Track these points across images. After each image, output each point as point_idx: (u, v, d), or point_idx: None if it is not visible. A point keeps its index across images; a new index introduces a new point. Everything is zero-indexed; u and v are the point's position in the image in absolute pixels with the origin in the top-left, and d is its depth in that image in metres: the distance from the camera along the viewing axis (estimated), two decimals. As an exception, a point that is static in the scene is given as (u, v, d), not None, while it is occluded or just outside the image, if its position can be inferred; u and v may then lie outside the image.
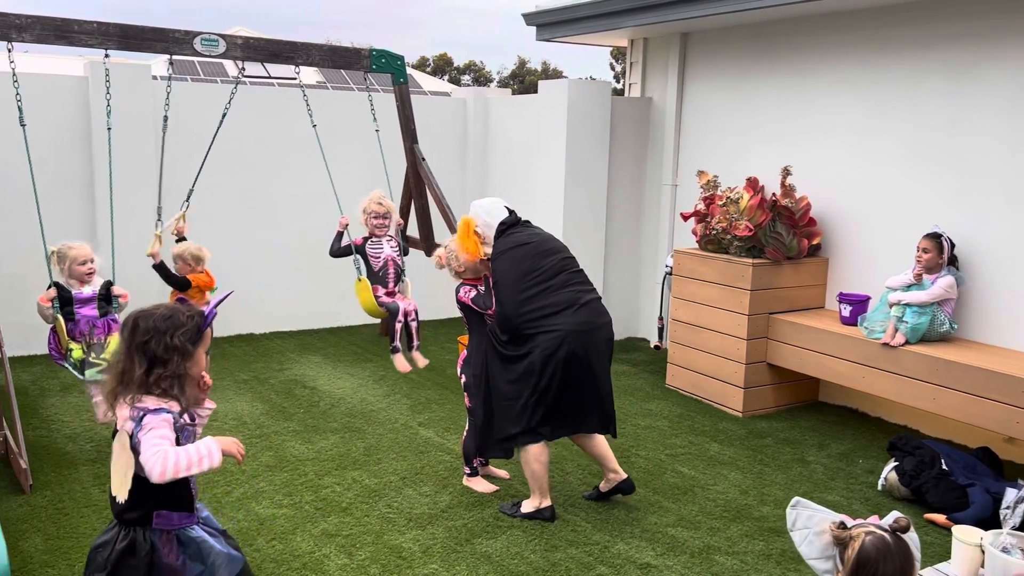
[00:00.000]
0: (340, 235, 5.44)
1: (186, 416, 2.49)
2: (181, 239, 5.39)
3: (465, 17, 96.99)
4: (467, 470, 4.50)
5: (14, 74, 4.76)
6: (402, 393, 6.01)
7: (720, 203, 5.88)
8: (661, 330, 6.92)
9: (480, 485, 4.47)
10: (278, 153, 7.41)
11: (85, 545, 3.62)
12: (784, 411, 5.90)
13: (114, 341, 4.61)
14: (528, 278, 3.95)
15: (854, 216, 5.84)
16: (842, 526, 1.95)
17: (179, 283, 5.26)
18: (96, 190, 6.65)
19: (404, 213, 6.49)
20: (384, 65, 5.94)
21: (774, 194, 5.82)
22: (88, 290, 4.64)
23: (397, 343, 5.30)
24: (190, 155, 5.98)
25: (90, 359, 4.55)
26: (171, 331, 2.44)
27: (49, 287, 4.55)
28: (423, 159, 6.15)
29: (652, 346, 7.30)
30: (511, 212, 4.20)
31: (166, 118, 5.34)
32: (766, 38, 6.43)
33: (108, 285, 4.74)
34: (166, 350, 2.42)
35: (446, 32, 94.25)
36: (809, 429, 5.56)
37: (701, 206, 6.10)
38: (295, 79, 5.86)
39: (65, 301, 4.56)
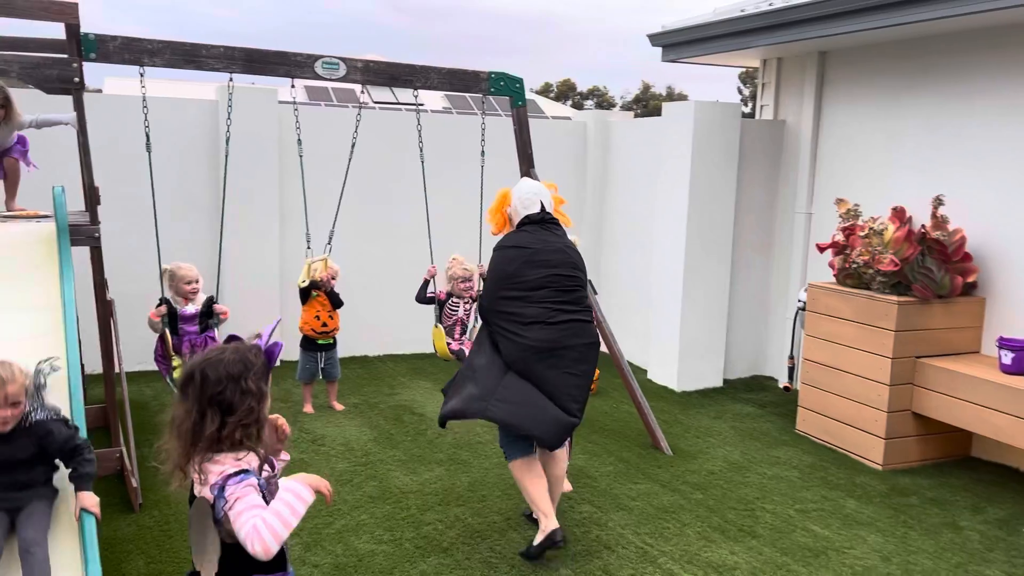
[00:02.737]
0: (427, 283, 5.59)
1: (266, 467, 2.28)
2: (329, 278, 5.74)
3: (591, 43, 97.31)
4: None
5: (144, 99, 4.87)
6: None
7: (862, 234, 5.39)
8: (792, 370, 6.42)
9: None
10: (398, 176, 7.40)
11: (183, 572, 3.56)
12: (931, 466, 5.31)
13: None
14: (510, 282, 3.94)
15: (1017, 252, 5.21)
16: None
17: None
18: (225, 211, 6.79)
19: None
20: (503, 88, 5.80)
21: (923, 226, 5.28)
22: (191, 308, 4.95)
23: None
24: (315, 179, 5.99)
25: None
26: (244, 375, 2.22)
27: (159, 304, 4.85)
28: (540, 184, 5.94)
29: (781, 387, 6.80)
30: (543, 207, 4.15)
31: (300, 142, 5.43)
32: (916, 56, 5.89)
33: (211, 301, 5.01)
34: (241, 396, 2.20)
35: (572, 58, 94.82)
36: (961, 489, 4.96)
37: (840, 237, 5.61)
38: (421, 104, 5.82)
39: (172, 317, 4.86)
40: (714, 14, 6.88)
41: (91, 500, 2.99)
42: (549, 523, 3.83)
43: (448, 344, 5.45)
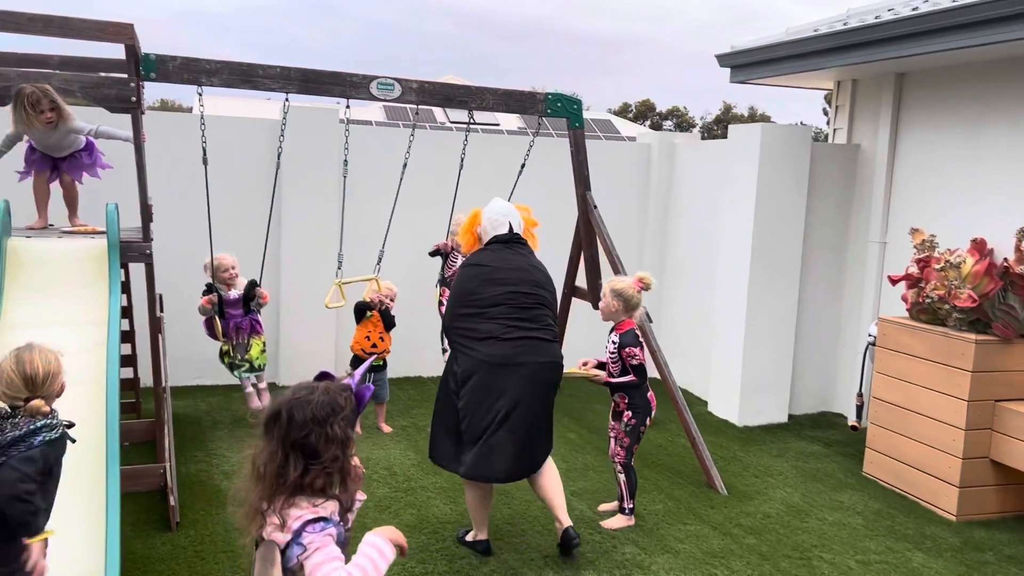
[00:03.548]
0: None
1: (348, 515, 2.15)
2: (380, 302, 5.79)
3: (672, 62, 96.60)
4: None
5: (202, 117, 4.95)
6: (558, 455, 5.59)
7: (937, 267, 5.04)
8: (860, 408, 6.06)
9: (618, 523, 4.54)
10: (463, 196, 7.34)
11: (209, 597, 3.52)
12: (1011, 519, 4.90)
13: (256, 345, 5.55)
14: (468, 298, 4.02)
15: (1114, 290, 4.79)
16: None
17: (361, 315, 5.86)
18: (282, 228, 6.86)
19: (573, 263, 6.16)
20: (560, 109, 5.68)
21: (1006, 260, 4.91)
22: (234, 293, 5.52)
23: None
24: (384, 199, 5.98)
25: (236, 360, 5.59)
26: (331, 419, 2.09)
27: (206, 292, 5.44)
28: (595, 207, 5.80)
29: (849, 425, 6.43)
30: (511, 228, 4.21)
31: (346, 162, 5.44)
32: (1000, 78, 5.52)
33: (252, 284, 5.47)
34: (326, 443, 2.07)
35: (652, 76, 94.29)
36: (1045, 547, 4.55)
37: (914, 269, 5.27)
38: (497, 125, 5.77)
39: (218, 301, 5.43)
40: (786, 34, 6.63)
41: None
42: (482, 534, 4.17)
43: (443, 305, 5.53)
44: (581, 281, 6.18)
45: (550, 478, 4.13)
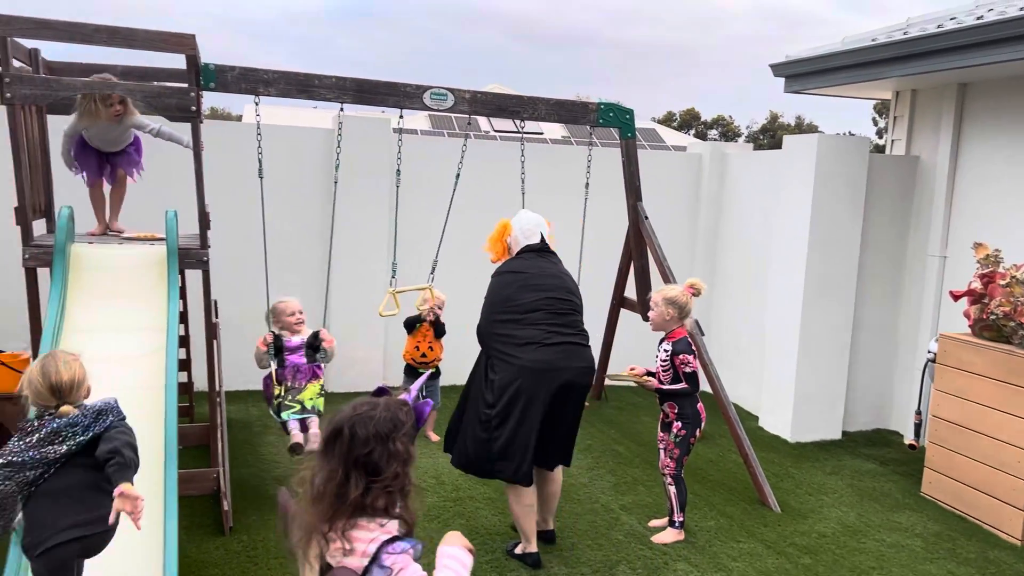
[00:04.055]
0: None
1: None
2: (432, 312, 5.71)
3: (716, 72, 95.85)
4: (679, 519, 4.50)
5: (258, 127, 5.01)
6: (606, 468, 5.56)
7: (1003, 283, 4.89)
8: (918, 426, 5.90)
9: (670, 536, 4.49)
10: (511, 206, 7.34)
11: (262, 602, 3.54)
12: (1080, 546, 4.72)
13: (311, 388, 4.77)
14: (505, 305, 4.07)
15: None
16: None
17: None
18: (336, 236, 6.91)
19: (623, 274, 6.11)
20: (612, 119, 5.65)
21: (1077, 275, 4.74)
22: (297, 339, 4.84)
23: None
24: (433, 209, 6.01)
25: (286, 402, 4.70)
26: (393, 435, 2.03)
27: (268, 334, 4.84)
28: (646, 217, 5.75)
29: (906, 444, 6.26)
30: (542, 238, 4.29)
31: (399, 172, 5.43)
32: (1072, 87, 5.36)
33: (316, 335, 4.86)
34: (389, 459, 2.01)
35: (697, 85, 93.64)
36: (1117, 576, 4.37)
37: (977, 284, 5.12)
38: (541, 134, 5.75)
39: (278, 350, 4.77)
40: (842, 44, 6.51)
41: None
42: (531, 546, 4.13)
43: None
44: (630, 292, 6.12)
45: (557, 487, 4.32)
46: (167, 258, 4.38)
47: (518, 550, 4.17)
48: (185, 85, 4.59)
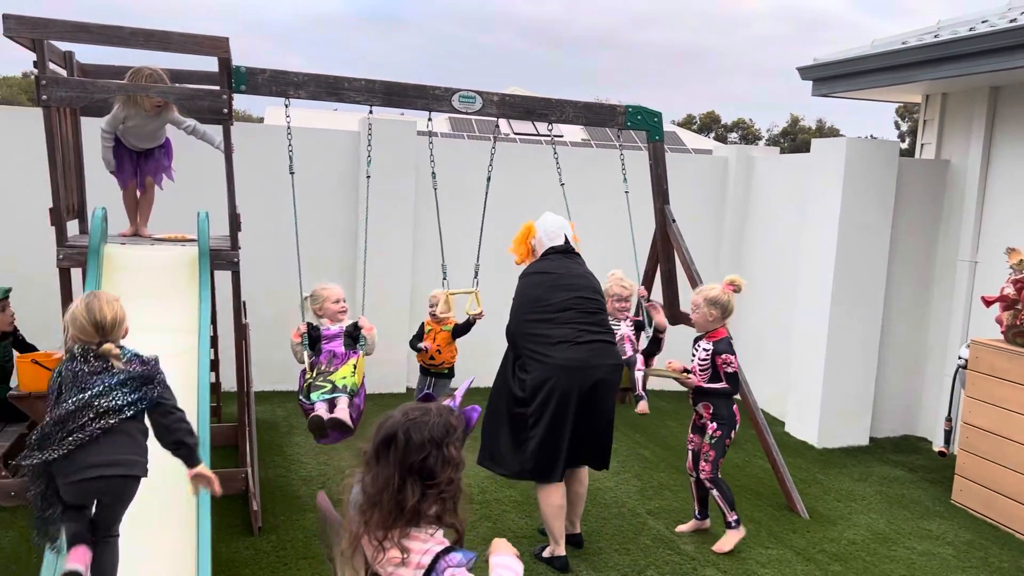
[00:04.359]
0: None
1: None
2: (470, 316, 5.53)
3: (735, 74, 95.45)
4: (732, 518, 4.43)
5: (288, 128, 5.03)
6: (632, 472, 5.53)
7: (1036, 289, 4.83)
8: (948, 433, 5.83)
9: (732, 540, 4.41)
10: (535, 208, 7.33)
11: (293, 603, 3.55)
12: (1116, 557, 4.65)
13: (346, 367, 4.41)
14: (536, 305, 4.11)
15: None
16: None
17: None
18: (359, 238, 6.95)
19: (649, 277, 6.08)
20: (640, 122, 5.62)
21: (1114, 282, 4.68)
22: (335, 327, 4.55)
23: (640, 391, 4.71)
24: (453, 211, 6.01)
25: (316, 383, 4.37)
26: (447, 440, 1.99)
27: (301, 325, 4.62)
28: (673, 220, 5.72)
29: (936, 451, 6.19)
30: (566, 240, 4.34)
31: (434, 175, 5.39)
32: (1108, 91, 5.28)
33: (355, 325, 4.61)
34: (444, 464, 1.97)
35: (716, 89, 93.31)
36: None
37: (1010, 290, 5.06)
38: (561, 136, 5.73)
39: (313, 340, 4.52)
40: (872, 47, 6.46)
41: None
42: (560, 549, 4.13)
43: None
44: (655, 295, 6.09)
45: (584, 487, 4.34)
46: (199, 259, 4.41)
47: (546, 553, 4.16)
48: (216, 87, 4.62)
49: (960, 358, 5.49)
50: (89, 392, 2.74)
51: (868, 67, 6.29)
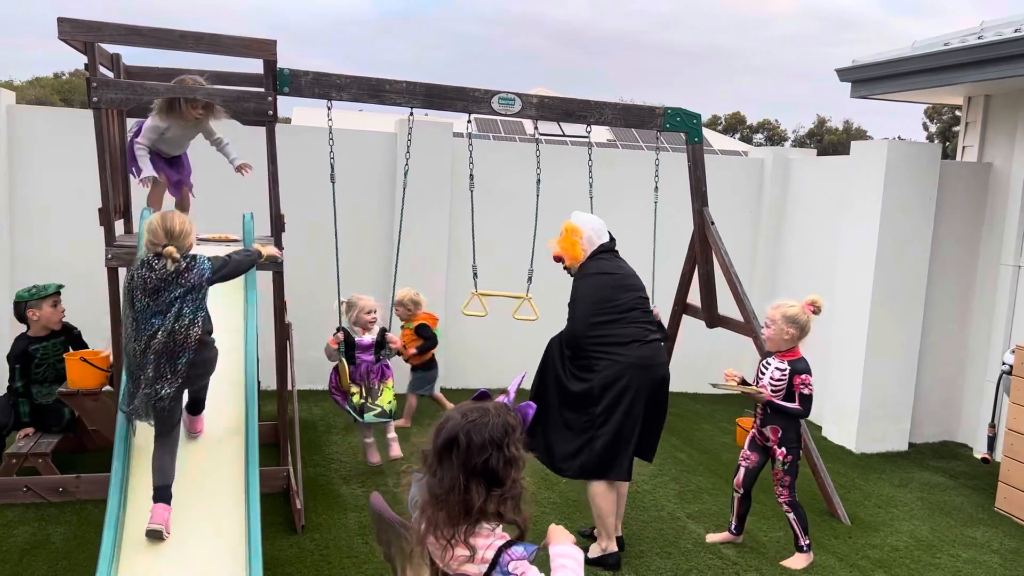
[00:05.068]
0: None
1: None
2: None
3: (759, 74, 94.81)
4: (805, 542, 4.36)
5: (330, 131, 5.06)
6: (670, 476, 5.51)
7: (1086, 294, 4.75)
8: (992, 439, 5.75)
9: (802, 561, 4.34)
10: (564, 210, 7.33)
11: (339, 602, 3.57)
12: None
13: (387, 391, 5.03)
14: (604, 306, 4.10)
15: None
16: None
17: None
18: (394, 240, 6.96)
19: (687, 279, 6.06)
20: (679, 124, 5.61)
21: None
22: (368, 337, 5.03)
23: None
24: (484, 212, 6.02)
25: (367, 404, 4.98)
26: (506, 440, 2.03)
27: (337, 331, 4.94)
28: (712, 223, 5.70)
29: (979, 457, 6.11)
30: (611, 236, 4.37)
31: (471, 176, 5.40)
32: None
33: (383, 332, 5.08)
34: (506, 464, 2.02)
35: (740, 89, 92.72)
36: None
37: (1057, 296, 4.98)
38: (585, 137, 5.71)
39: (349, 346, 4.93)
40: (912, 48, 6.40)
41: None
42: (612, 545, 4.18)
43: None
44: (692, 298, 6.06)
45: (625, 486, 4.31)
46: (244, 259, 4.43)
47: (594, 553, 4.14)
48: (262, 89, 4.66)
49: (1005, 364, 5.41)
50: (153, 320, 3.33)
51: (910, 69, 6.23)
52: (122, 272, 4.52)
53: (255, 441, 3.67)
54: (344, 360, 4.92)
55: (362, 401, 4.94)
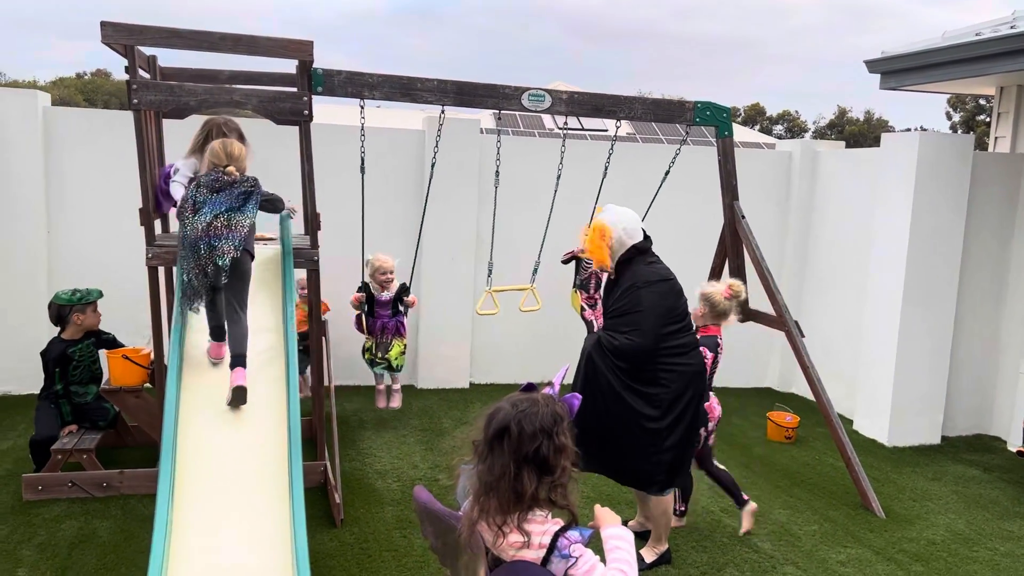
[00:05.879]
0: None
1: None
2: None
3: (779, 65, 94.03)
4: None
5: (362, 129, 5.11)
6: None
7: (1124, 286, 4.71)
8: (1027, 433, 5.73)
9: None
10: (586, 204, 7.34)
11: (382, 595, 3.62)
12: None
13: (397, 346, 5.72)
14: (671, 314, 3.93)
15: None
16: None
17: None
18: (424, 234, 7.01)
19: (716, 273, 6.05)
20: (709, 118, 5.60)
21: None
22: (387, 295, 5.73)
23: None
24: (506, 205, 6.06)
25: (376, 358, 5.74)
26: (556, 429, 2.09)
27: (360, 289, 5.58)
28: (743, 217, 5.69)
29: (1013, 450, 6.08)
30: (646, 235, 4.11)
31: (497, 173, 5.44)
32: None
33: (404, 289, 5.68)
34: (555, 453, 2.08)
35: (759, 81, 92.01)
36: None
37: (1095, 287, 4.95)
38: (605, 131, 5.75)
39: (370, 300, 5.66)
40: (943, 39, 6.35)
41: None
42: (664, 545, 4.21)
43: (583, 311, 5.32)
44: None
45: None
46: (282, 259, 4.50)
47: (651, 556, 4.14)
48: (296, 90, 4.70)
49: (1040, 356, 5.38)
50: (216, 205, 3.81)
51: (940, 59, 6.18)
52: (161, 271, 4.62)
53: (298, 438, 3.71)
54: (364, 312, 5.63)
55: (372, 356, 5.73)
